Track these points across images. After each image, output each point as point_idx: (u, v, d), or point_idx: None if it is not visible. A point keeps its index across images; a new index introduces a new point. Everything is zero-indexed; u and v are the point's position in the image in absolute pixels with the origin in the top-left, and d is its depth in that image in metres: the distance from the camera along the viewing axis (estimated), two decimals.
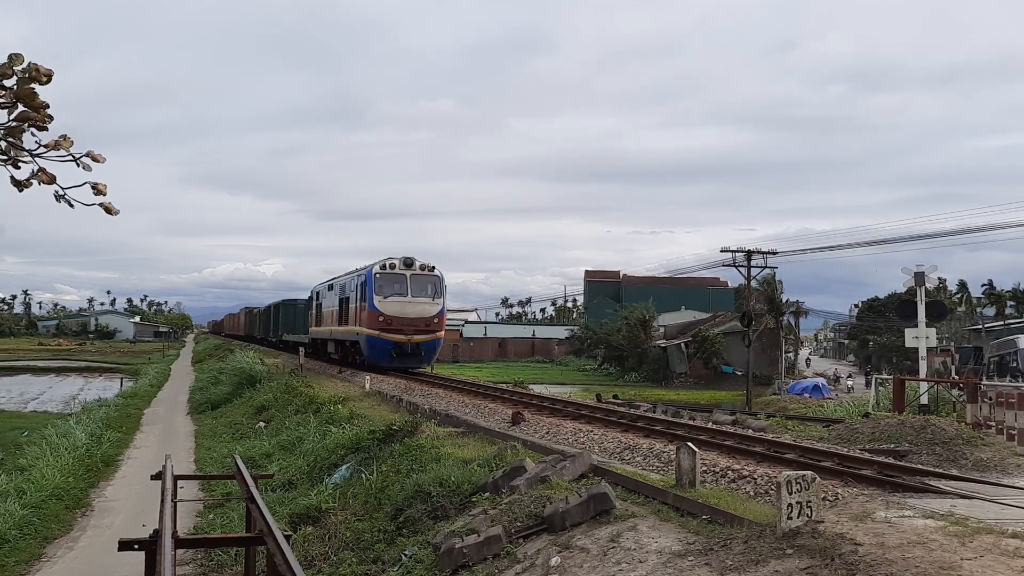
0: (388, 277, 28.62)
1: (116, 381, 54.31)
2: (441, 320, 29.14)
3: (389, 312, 27.83)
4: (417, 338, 28.16)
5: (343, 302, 32.65)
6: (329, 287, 36.89)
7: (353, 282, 31.07)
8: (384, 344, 27.99)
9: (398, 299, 28.11)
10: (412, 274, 28.66)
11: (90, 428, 24.10)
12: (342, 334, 33.01)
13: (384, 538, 10.16)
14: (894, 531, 6.10)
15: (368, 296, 28.27)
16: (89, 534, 13.95)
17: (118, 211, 3.50)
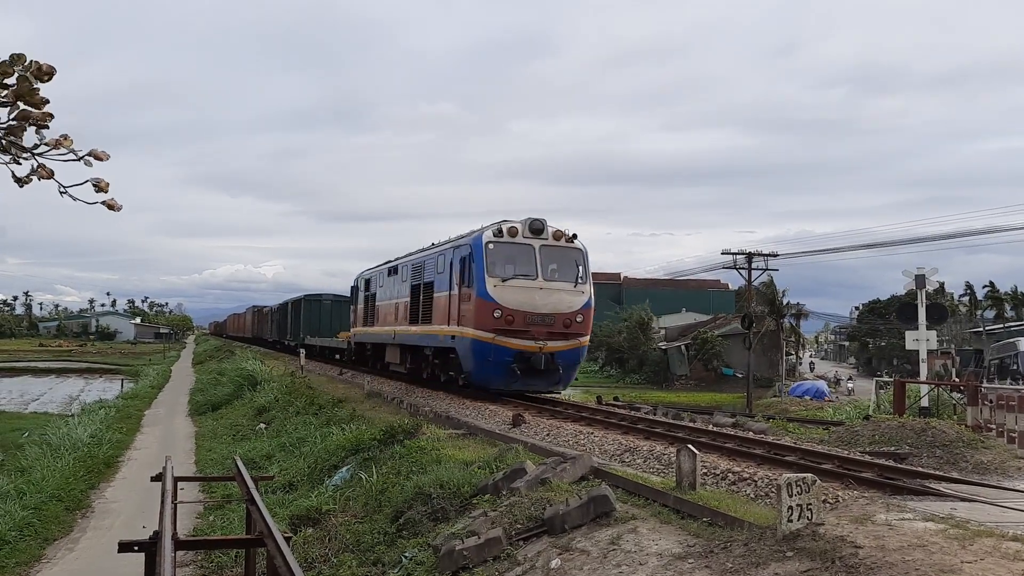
0: (506, 249, 18.29)
1: (116, 382, 54.31)
2: (587, 319, 18.55)
3: (510, 303, 17.66)
4: (553, 345, 17.78)
5: (420, 290, 22.13)
6: (391, 270, 26.03)
7: (442, 259, 20.60)
8: (501, 354, 17.61)
9: (524, 283, 17.89)
10: (543, 245, 18.32)
11: (90, 429, 24.11)
12: (418, 337, 22.14)
13: (384, 540, 10.15)
14: (894, 534, 6.09)
15: (474, 278, 18.07)
16: (89, 535, 13.96)
17: (121, 207, 3.51)
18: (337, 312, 43.88)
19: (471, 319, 17.96)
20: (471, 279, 18.16)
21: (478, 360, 17.97)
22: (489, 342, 17.65)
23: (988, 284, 78.89)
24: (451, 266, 19.58)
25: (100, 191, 3.41)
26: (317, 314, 45.51)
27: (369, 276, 29.49)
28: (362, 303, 30.13)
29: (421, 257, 22.80)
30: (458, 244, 19.53)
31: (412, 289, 22.85)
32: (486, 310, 17.70)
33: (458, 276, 18.99)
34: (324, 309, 45.27)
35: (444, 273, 20.14)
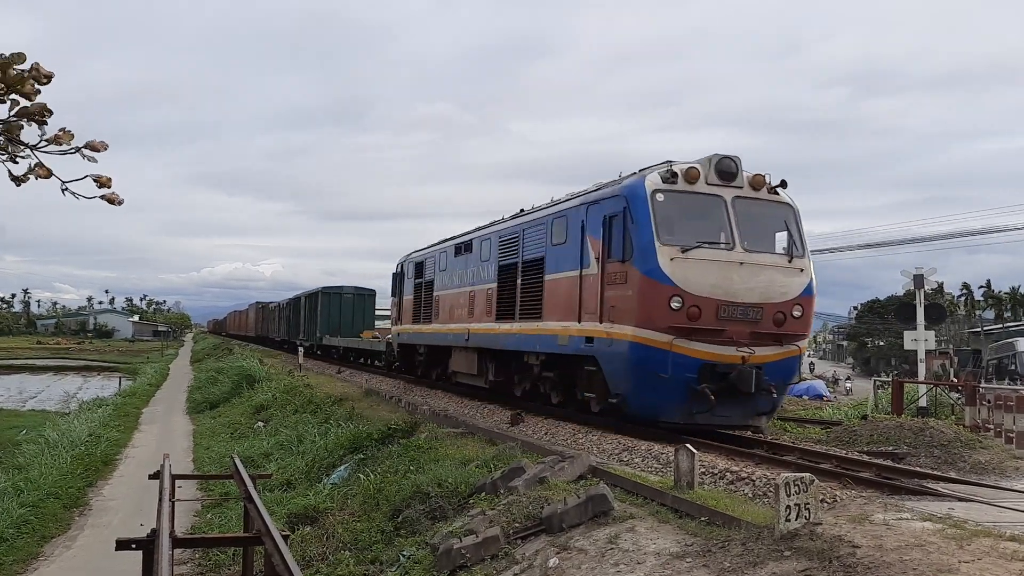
0: (683, 203, 12.29)
1: (114, 380, 54.29)
2: (808, 312, 12.63)
3: (696, 287, 11.80)
4: (763, 354, 11.97)
5: (517, 272, 15.90)
6: (461, 248, 19.52)
7: (560, 223, 14.39)
8: (681, 367, 11.65)
9: (715, 256, 12.03)
10: (737, 196, 12.40)
11: (88, 427, 24.09)
12: (515, 339, 15.67)
13: (382, 538, 10.16)
14: (892, 533, 6.10)
15: (633, 246, 12.05)
16: (87, 533, 13.96)
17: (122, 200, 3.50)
18: (360, 307, 40.35)
19: (629, 311, 11.80)
20: (628, 249, 11.95)
21: (640, 376, 11.68)
22: (662, 348, 11.41)
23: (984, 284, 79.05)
24: (582, 231, 13.30)
25: (101, 186, 3.42)
26: (337, 310, 39.82)
27: (422, 259, 22.89)
28: (410, 294, 23.59)
29: (516, 225, 16.39)
30: (596, 198, 13.17)
31: (500, 271, 16.73)
32: (657, 297, 11.52)
33: (600, 245, 12.61)
34: (345, 304, 39.85)
35: (567, 244, 13.87)
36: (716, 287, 11.76)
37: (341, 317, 39.60)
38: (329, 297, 40.39)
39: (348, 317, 39.37)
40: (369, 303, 41.60)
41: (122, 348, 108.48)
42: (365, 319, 40.45)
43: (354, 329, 38.43)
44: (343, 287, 41.28)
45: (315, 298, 41.33)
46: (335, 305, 39.95)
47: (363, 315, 40.26)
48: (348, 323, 39.13)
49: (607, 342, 12.28)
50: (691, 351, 11.55)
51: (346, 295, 40.46)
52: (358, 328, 38.79)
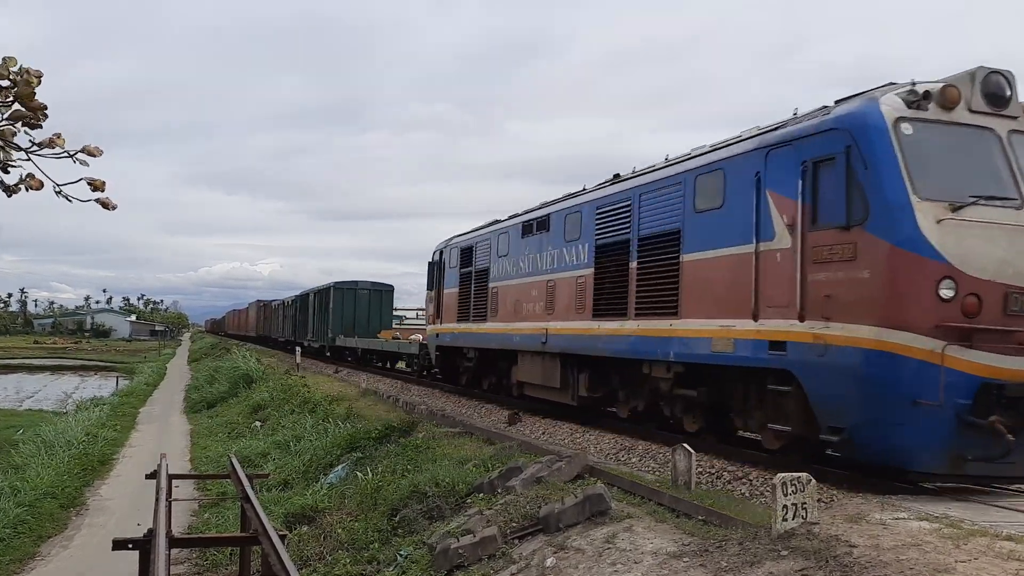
0: (942, 136, 8.24)
1: (112, 380, 54.22)
2: None
3: (974, 265, 7.82)
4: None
5: (627, 252, 12.27)
6: (532, 226, 15.83)
7: (721, 174, 10.27)
8: (953, 389, 7.62)
9: (998, 215, 8.01)
10: (1014, 131, 8.47)
11: (85, 427, 24.07)
12: (633, 343, 11.89)
13: (379, 538, 10.16)
14: (888, 533, 6.11)
15: (869, 201, 8.03)
16: (83, 533, 13.94)
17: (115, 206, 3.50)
18: (377, 304, 37.11)
19: (865, 301, 8.11)
20: (858, 207, 8.16)
21: (884, 403, 7.98)
22: (926, 359, 7.74)
23: None
24: (756, 188, 9.46)
25: (96, 190, 3.41)
26: (352, 307, 36.20)
27: (469, 243, 18.89)
28: (453, 286, 19.59)
29: (625, 191, 12.40)
30: (785, 138, 9.27)
31: (598, 252, 12.97)
32: (918, 280, 7.87)
33: (797, 206, 8.83)
34: (360, 301, 36.26)
35: (723, 208, 10.10)
36: (1005, 266, 7.92)
37: (356, 315, 35.95)
38: (343, 293, 36.35)
39: (364, 315, 35.81)
40: (387, 300, 38.14)
41: (119, 348, 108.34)
42: (383, 318, 37.11)
43: (370, 329, 35.18)
44: (358, 282, 37.06)
45: (326, 294, 37.53)
46: (349, 302, 36.14)
47: (380, 313, 36.89)
48: (364, 322, 35.63)
49: (816, 349, 8.42)
50: (970, 364, 7.71)
51: (361, 291, 36.39)
52: (375, 328, 35.69)
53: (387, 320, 38.09)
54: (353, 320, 36.03)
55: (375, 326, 36.05)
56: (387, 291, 38.56)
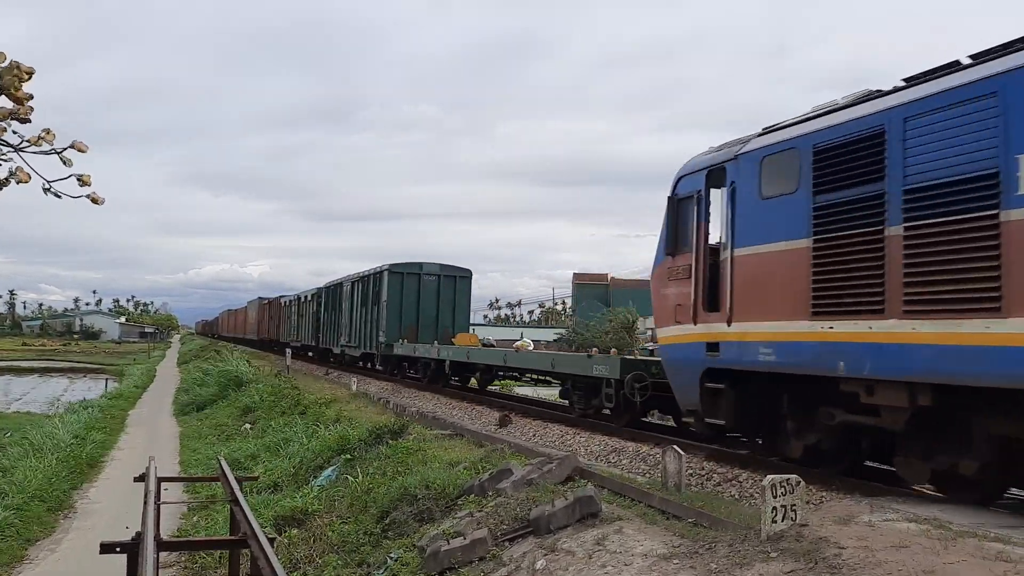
0: None
1: (101, 382, 53.95)
2: None
3: None
4: None
5: None
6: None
7: None
8: None
9: None
10: None
11: (74, 429, 23.91)
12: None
13: (369, 541, 10.12)
14: (877, 534, 6.13)
15: None
16: (72, 536, 13.85)
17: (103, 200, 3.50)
18: (448, 294, 26.79)
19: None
20: None
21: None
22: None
23: None
24: None
25: (84, 185, 3.41)
26: (414, 299, 26.14)
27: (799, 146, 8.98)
28: (793, 233, 8.93)
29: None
30: None
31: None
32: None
33: None
34: (427, 290, 26.30)
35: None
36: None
37: (421, 312, 26.10)
38: (401, 280, 26.26)
39: (431, 312, 26.17)
40: (463, 291, 27.64)
41: (108, 350, 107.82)
42: (457, 316, 27.21)
43: (439, 331, 25.77)
44: (423, 265, 26.74)
45: (375, 282, 27.62)
46: (411, 292, 26.06)
47: (453, 308, 27.05)
48: (430, 321, 25.99)
49: None
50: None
51: (428, 277, 26.37)
52: (442, 327, 26.37)
53: (463, 319, 27.52)
54: (417, 318, 26.01)
55: (446, 325, 26.36)
56: (463, 278, 27.48)
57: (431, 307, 26.55)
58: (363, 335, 29.00)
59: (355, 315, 30.38)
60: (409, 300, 26.36)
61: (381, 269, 27.25)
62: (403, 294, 26.36)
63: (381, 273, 27.21)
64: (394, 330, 26.20)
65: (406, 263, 26.87)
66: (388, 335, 26.11)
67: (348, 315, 31.41)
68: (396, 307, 26.35)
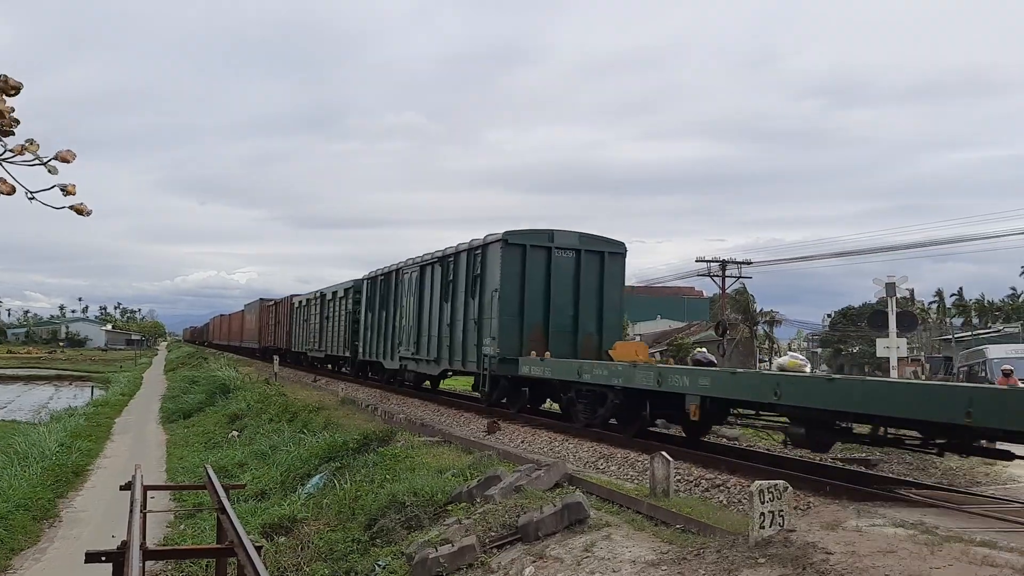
0: None
1: (87, 389, 53.58)
2: None
3: None
4: None
5: None
6: None
7: None
8: None
9: None
10: None
11: (59, 437, 23.73)
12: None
13: (357, 548, 10.08)
14: (865, 540, 6.15)
15: None
16: (56, 545, 13.74)
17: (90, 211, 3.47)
18: (592, 279, 17.42)
19: None
20: None
21: None
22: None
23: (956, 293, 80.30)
24: None
25: (68, 195, 3.38)
26: (541, 287, 17.10)
27: None
28: None
29: None
30: None
31: None
32: None
33: None
34: (561, 272, 17.28)
35: None
36: None
37: (553, 307, 17.08)
38: (522, 256, 17.05)
39: (567, 307, 17.18)
40: (615, 274, 17.91)
41: (95, 357, 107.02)
42: (607, 314, 17.53)
43: (579, 338, 17.07)
44: (554, 233, 17.42)
45: (474, 262, 18.19)
46: (537, 276, 17.07)
47: (599, 302, 17.42)
48: (566, 322, 17.10)
49: None
50: None
51: (562, 252, 17.27)
52: (590, 331, 17.28)
53: (614, 318, 17.83)
54: (546, 318, 16.89)
55: (589, 332, 17.15)
56: (614, 255, 17.78)
57: (567, 300, 17.19)
58: (449, 344, 19.27)
59: (430, 314, 20.57)
60: (534, 289, 16.98)
61: (488, 240, 17.51)
62: (525, 279, 16.91)
63: (486, 247, 17.62)
64: (511, 337, 16.71)
65: (527, 231, 17.26)
66: (503, 344, 16.61)
67: (414, 315, 21.69)
68: (514, 300, 16.84)
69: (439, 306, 19.96)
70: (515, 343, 16.72)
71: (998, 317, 71.49)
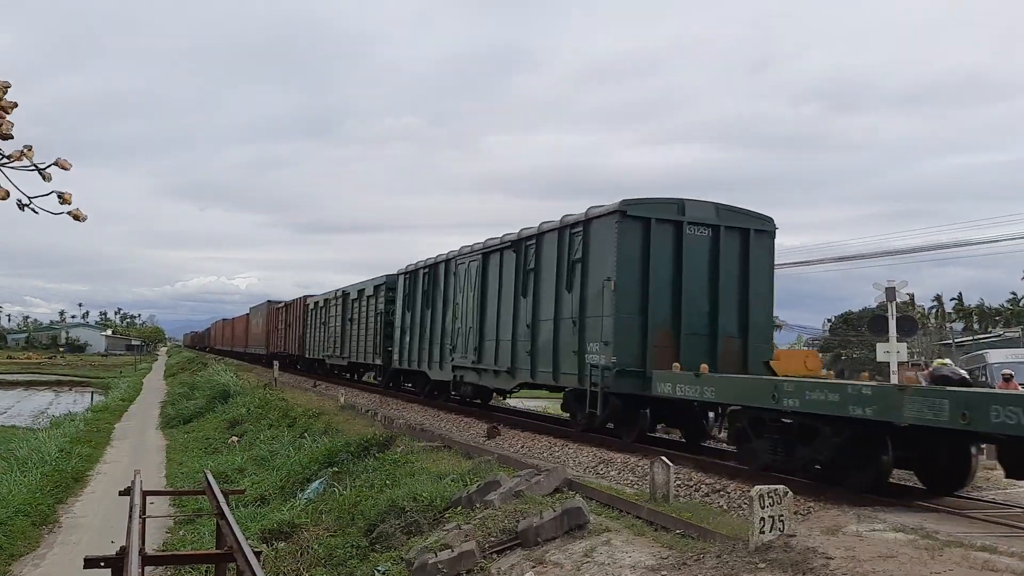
0: None
1: (87, 395, 53.47)
2: None
3: None
4: None
5: None
6: None
7: None
8: None
9: None
10: None
11: (59, 443, 23.70)
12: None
13: (357, 554, 10.07)
14: (865, 545, 6.14)
15: None
16: (56, 551, 13.71)
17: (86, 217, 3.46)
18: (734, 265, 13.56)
19: None
20: None
21: None
22: None
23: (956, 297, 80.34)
24: None
25: (64, 202, 3.37)
26: (668, 275, 12.96)
27: None
28: None
29: None
30: None
31: None
32: None
33: None
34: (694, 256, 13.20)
35: None
36: None
37: (685, 300, 13.12)
38: (645, 233, 13.01)
39: (700, 300, 13.31)
40: (762, 259, 13.97)
41: (95, 362, 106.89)
42: (754, 311, 13.75)
43: (718, 341, 13.34)
44: (684, 203, 13.32)
45: (573, 242, 14.14)
46: (663, 259, 13.06)
47: (744, 295, 13.67)
48: (701, 320, 13.28)
49: None
50: None
51: (696, 229, 13.24)
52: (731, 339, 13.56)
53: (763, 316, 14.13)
54: (676, 315, 13.14)
55: (729, 334, 13.56)
56: (761, 233, 14.03)
57: (701, 292, 13.32)
58: (530, 351, 15.22)
59: (498, 314, 16.67)
60: (660, 277, 13.03)
61: (595, 213, 13.60)
62: (649, 265, 12.94)
63: (590, 224, 13.72)
64: (631, 341, 12.80)
65: (650, 201, 13.30)
66: (619, 351, 12.71)
67: (474, 315, 17.85)
68: (633, 293, 12.89)
69: (513, 303, 15.96)
70: (636, 350, 12.70)
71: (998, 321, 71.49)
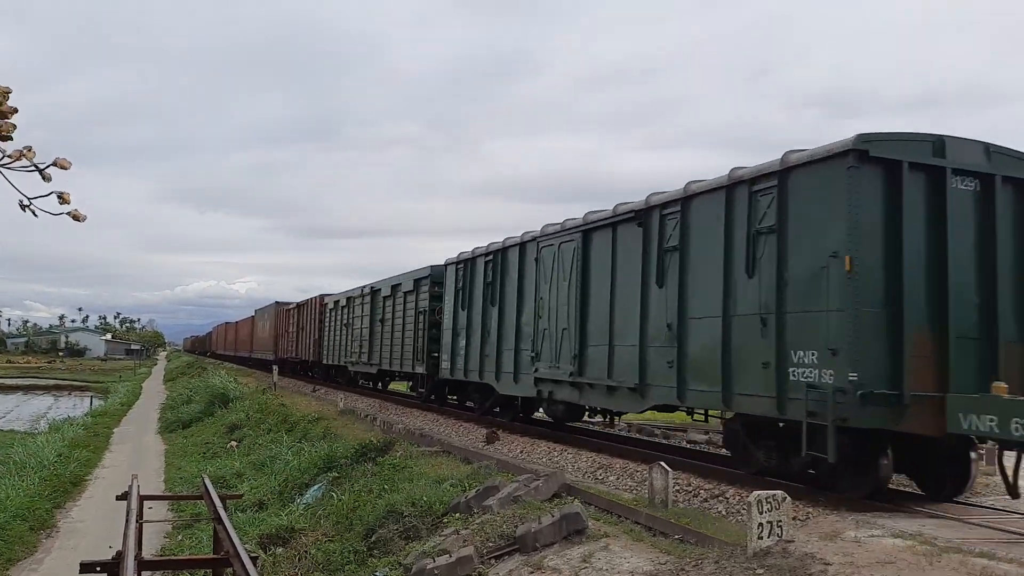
0: None
1: (86, 399, 53.51)
2: None
3: None
4: None
5: None
6: None
7: None
8: None
9: None
10: None
11: (58, 447, 23.69)
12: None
13: (355, 559, 10.05)
14: (863, 550, 6.12)
15: None
16: (53, 556, 13.70)
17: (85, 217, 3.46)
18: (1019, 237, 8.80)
19: None
20: None
21: None
22: None
23: None
24: None
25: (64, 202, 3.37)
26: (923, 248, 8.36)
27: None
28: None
29: None
30: None
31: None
32: None
33: None
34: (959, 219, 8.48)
35: None
36: None
37: (952, 286, 8.38)
38: (895, 184, 8.33)
39: (969, 287, 8.57)
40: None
41: (94, 367, 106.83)
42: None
43: (999, 347, 8.53)
44: (944, 141, 8.54)
45: (755, 197, 9.39)
46: (917, 221, 8.38)
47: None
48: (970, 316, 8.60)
49: None
50: None
51: (962, 180, 8.54)
52: (1011, 346, 8.62)
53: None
54: (938, 309, 8.45)
55: (1011, 331, 8.71)
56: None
57: (968, 273, 8.84)
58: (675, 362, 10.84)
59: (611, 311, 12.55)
60: (913, 251, 8.52)
61: (821, 151, 8.86)
62: (902, 234, 8.43)
63: (794, 172, 9.20)
64: (877, 349, 8.33)
65: (895, 137, 8.64)
66: (860, 364, 8.15)
67: (571, 312, 13.65)
68: (876, 276, 8.44)
69: (641, 295, 11.72)
70: (884, 361, 8.34)
71: None
